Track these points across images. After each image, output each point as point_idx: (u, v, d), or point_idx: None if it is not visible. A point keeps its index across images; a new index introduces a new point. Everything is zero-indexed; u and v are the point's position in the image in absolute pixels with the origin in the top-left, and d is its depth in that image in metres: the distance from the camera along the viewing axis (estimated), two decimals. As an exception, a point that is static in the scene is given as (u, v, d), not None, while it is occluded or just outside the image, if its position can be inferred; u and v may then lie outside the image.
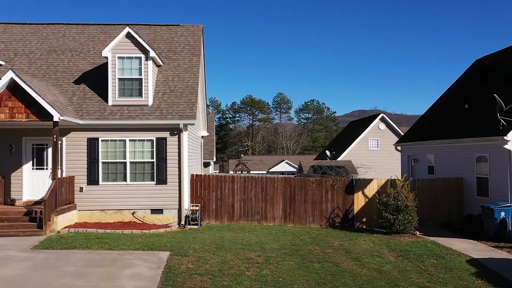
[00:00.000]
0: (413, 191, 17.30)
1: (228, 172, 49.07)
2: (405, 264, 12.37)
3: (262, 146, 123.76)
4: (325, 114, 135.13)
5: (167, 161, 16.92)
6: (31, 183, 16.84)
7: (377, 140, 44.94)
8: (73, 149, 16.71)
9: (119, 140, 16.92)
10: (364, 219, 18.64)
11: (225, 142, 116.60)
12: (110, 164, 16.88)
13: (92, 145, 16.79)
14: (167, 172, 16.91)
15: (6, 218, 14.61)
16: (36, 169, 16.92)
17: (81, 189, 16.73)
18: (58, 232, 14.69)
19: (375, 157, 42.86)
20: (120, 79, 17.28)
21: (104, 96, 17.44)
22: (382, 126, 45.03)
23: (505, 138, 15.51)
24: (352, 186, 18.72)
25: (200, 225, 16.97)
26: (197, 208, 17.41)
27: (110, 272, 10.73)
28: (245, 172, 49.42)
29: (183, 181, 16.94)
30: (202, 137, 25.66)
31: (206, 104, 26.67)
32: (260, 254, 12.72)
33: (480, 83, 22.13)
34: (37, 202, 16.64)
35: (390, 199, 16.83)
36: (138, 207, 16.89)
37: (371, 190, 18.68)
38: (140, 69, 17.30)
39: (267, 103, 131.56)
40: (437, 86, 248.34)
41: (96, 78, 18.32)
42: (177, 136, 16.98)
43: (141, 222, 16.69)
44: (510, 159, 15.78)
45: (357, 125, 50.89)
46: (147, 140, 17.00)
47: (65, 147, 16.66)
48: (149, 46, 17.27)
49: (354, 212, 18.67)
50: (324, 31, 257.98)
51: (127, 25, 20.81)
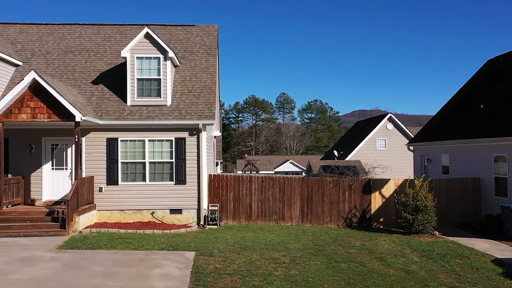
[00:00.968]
0: (432, 191, 17.30)
1: (236, 172, 49.08)
2: (431, 264, 12.38)
3: (265, 146, 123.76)
4: (328, 114, 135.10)
5: (186, 161, 16.94)
6: (51, 183, 16.86)
7: (385, 140, 44.95)
8: (93, 149, 16.73)
9: (138, 140, 16.94)
10: (381, 219, 18.65)
11: (228, 142, 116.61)
12: (129, 164, 16.91)
13: (112, 145, 16.82)
14: (186, 172, 16.93)
15: (29, 218, 14.63)
16: (56, 169, 16.95)
17: (101, 189, 16.76)
18: (80, 232, 14.72)
19: (383, 157, 42.76)
20: (139, 79, 17.30)
21: (123, 96, 17.47)
22: (390, 126, 45.03)
23: (526, 138, 15.51)
24: (369, 186, 18.73)
25: (219, 225, 16.98)
26: (216, 208, 17.42)
27: (139, 272, 10.74)
28: (254, 172, 49.43)
29: (202, 181, 16.96)
30: (215, 137, 25.66)
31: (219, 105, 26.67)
32: (285, 254, 12.73)
33: (495, 83, 22.12)
34: (57, 202, 16.70)
35: (409, 199, 16.84)
36: (157, 207, 16.91)
37: (388, 190, 18.69)
38: (159, 69, 17.32)
39: (270, 103, 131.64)
40: (439, 87, 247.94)
41: (114, 79, 18.35)
42: (196, 136, 17.00)
43: (160, 222, 16.71)
44: (531, 159, 15.77)
45: (364, 125, 50.89)
46: (166, 140, 17.02)
47: (85, 147, 16.68)
48: (168, 46, 17.27)
49: (371, 212, 18.67)
50: (326, 31, 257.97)
51: (146, 25, 20.87)
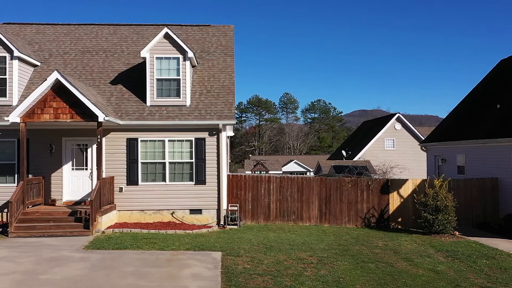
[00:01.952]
0: (451, 192, 17.29)
1: (244, 172, 49.06)
2: (458, 265, 12.36)
3: (269, 146, 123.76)
4: (332, 114, 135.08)
5: (206, 161, 16.94)
6: (71, 184, 16.87)
7: (393, 140, 44.89)
8: (113, 150, 16.73)
9: (158, 141, 16.95)
10: (400, 219, 18.63)
11: (231, 142, 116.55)
12: (149, 165, 16.91)
13: (132, 146, 16.83)
14: (206, 172, 16.94)
15: (52, 219, 14.64)
16: (76, 170, 16.95)
17: (121, 189, 16.77)
18: (103, 232, 14.72)
19: (391, 157, 42.60)
20: (158, 80, 17.31)
21: (142, 97, 17.47)
22: (398, 126, 44.96)
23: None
24: (387, 186, 18.71)
25: (239, 226, 16.98)
26: (236, 208, 17.42)
27: (170, 272, 10.74)
28: (264, 172, 49.40)
29: (222, 181, 16.96)
30: (228, 137, 25.63)
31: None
32: (312, 255, 12.72)
33: (511, 83, 22.08)
34: (77, 203, 16.71)
35: (429, 199, 16.84)
36: (177, 208, 16.92)
37: (406, 190, 18.67)
38: (178, 70, 17.32)
39: (274, 103, 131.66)
40: (440, 87, 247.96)
41: (132, 79, 18.36)
42: (216, 136, 17.01)
43: (180, 222, 16.71)
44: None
45: (372, 125, 50.82)
46: (186, 141, 17.02)
47: (105, 148, 16.65)
48: (187, 46, 17.27)
49: (390, 212, 18.66)
50: (328, 31, 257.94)
51: (161, 25, 21.07)
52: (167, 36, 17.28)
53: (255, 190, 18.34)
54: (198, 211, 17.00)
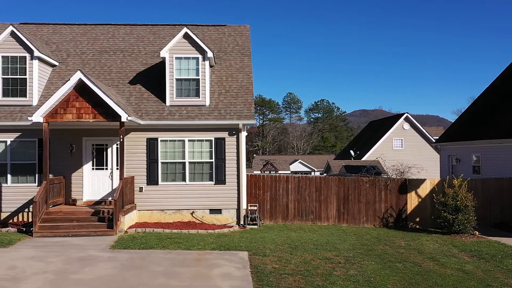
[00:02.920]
0: (471, 191, 17.28)
1: (253, 172, 49.06)
2: (484, 264, 12.36)
3: (273, 146, 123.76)
4: (335, 114, 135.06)
5: (226, 161, 16.96)
6: (91, 183, 16.90)
7: (401, 140, 44.91)
8: (133, 149, 16.76)
9: (178, 140, 16.97)
10: (418, 219, 18.64)
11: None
12: (169, 164, 16.94)
13: (152, 145, 16.85)
14: (226, 172, 16.96)
15: (75, 218, 14.67)
16: (96, 169, 16.98)
17: (141, 189, 16.79)
18: (126, 232, 14.75)
19: (400, 157, 42.58)
20: (178, 80, 17.33)
21: (161, 97, 17.50)
22: (407, 126, 45.00)
23: None
24: (405, 186, 18.71)
25: (259, 225, 16.99)
26: (255, 208, 17.43)
27: (200, 272, 10.76)
28: (273, 172, 49.41)
29: (242, 181, 16.98)
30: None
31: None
32: (338, 254, 12.73)
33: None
34: (97, 202, 16.74)
35: (449, 199, 16.83)
36: (197, 207, 16.94)
37: (424, 190, 18.67)
38: (197, 70, 17.34)
39: (277, 103, 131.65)
40: (442, 87, 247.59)
41: (151, 79, 18.39)
42: (236, 136, 17.03)
43: (200, 222, 16.73)
44: None
45: (379, 125, 50.84)
46: (206, 140, 17.05)
47: (125, 147, 16.66)
48: (206, 46, 17.29)
49: (408, 212, 18.66)
50: (330, 32, 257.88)
51: (177, 25, 21.07)
52: (187, 36, 17.29)
53: (274, 190, 18.35)
54: (218, 211, 17.01)
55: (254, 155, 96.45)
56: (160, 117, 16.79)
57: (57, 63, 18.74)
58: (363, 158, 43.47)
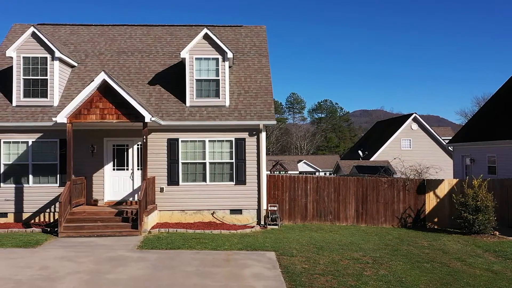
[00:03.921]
0: (491, 192, 17.30)
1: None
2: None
3: (276, 146, 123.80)
4: (339, 114, 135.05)
5: (246, 162, 17.01)
6: (112, 184, 16.95)
7: (410, 140, 44.92)
8: (153, 150, 16.79)
9: (199, 141, 17.02)
10: (436, 219, 18.67)
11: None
12: (190, 165, 16.99)
13: (172, 146, 16.90)
14: (246, 173, 17.00)
15: (99, 219, 14.72)
16: (117, 170, 17.03)
17: (162, 190, 16.84)
18: (149, 232, 14.79)
19: (408, 157, 42.69)
20: (198, 80, 17.38)
21: (181, 97, 17.55)
22: (415, 126, 45.00)
23: None
24: (423, 187, 18.75)
25: (279, 226, 17.03)
26: (276, 209, 17.48)
27: (231, 272, 10.79)
28: (283, 172, 49.46)
29: (262, 182, 17.02)
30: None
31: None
32: (364, 255, 12.76)
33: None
34: (118, 203, 16.79)
35: (469, 199, 16.85)
36: (218, 208, 16.99)
37: (442, 191, 18.70)
38: (217, 70, 17.39)
39: (280, 103, 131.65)
40: (442, 87, 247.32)
41: (170, 79, 18.45)
42: (256, 137, 17.07)
43: (221, 223, 16.77)
44: None
45: (387, 126, 50.86)
46: (226, 141, 17.09)
47: (143, 148, 16.72)
48: (227, 47, 17.33)
49: (426, 213, 18.70)
50: (331, 32, 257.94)
51: (198, 26, 21.14)
52: (206, 37, 17.34)
53: (292, 190, 18.39)
54: (238, 211, 17.06)
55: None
56: (181, 118, 16.83)
57: (76, 64, 18.80)
58: (372, 159, 43.50)
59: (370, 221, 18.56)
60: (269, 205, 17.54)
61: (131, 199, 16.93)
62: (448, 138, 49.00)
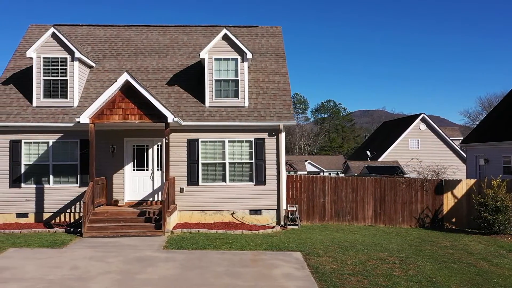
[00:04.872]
0: (510, 192, 17.29)
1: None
2: (538, 265, 12.40)
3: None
4: (342, 114, 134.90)
5: (266, 162, 17.02)
6: (132, 184, 16.97)
7: (418, 141, 44.89)
8: (173, 150, 16.79)
9: (219, 141, 17.04)
10: (453, 220, 18.67)
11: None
12: (209, 165, 17.00)
13: (192, 146, 16.92)
14: (266, 173, 17.01)
15: (122, 219, 14.75)
16: (137, 170, 17.06)
17: (182, 190, 16.86)
18: (172, 232, 14.81)
19: (416, 158, 42.81)
20: (217, 81, 17.40)
21: (200, 98, 17.58)
22: (423, 127, 44.97)
23: None
24: (441, 187, 18.75)
25: (299, 226, 17.04)
26: (295, 209, 17.50)
27: (261, 272, 10.81)
28: (293, 172, 49.48)
29: (281, 182, 17.03)
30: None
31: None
32: (390, 255, 12.77)
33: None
34: (138, 203, 16.82)
35: (489, 200, 16.86)
36: (237, 208, 17.00)
37: (460, 191, 18.70)
38: (236, 71, 17.40)
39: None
40: (444, 88, 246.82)
41: (188, 80, 18.47)
42: (275, 137, 17.09)
43: (240, 223, 16.78)
44: None
45: (394, 126, 50.83)
46: (246, 141, 17.10)
47: (166, 148, 16.74)
48: (246, 48, 17.35)
49: (444, 213, 18.69)
50: (332, 32, 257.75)
51: (210, 27, 21.14)
52: (226, 37, 17.35)
53: (310, 191, 18.41)
54: (258, 212, 17.07)
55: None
56: (201, 118, 16.85)
57: (94, 64, 18.83)
58: (380, 159, 43.48)
59: (388, 221, 18.56)
60: (288, 205, 17.55)
61: (151, 200, 16.95)
62: (456, 138, 48.99)
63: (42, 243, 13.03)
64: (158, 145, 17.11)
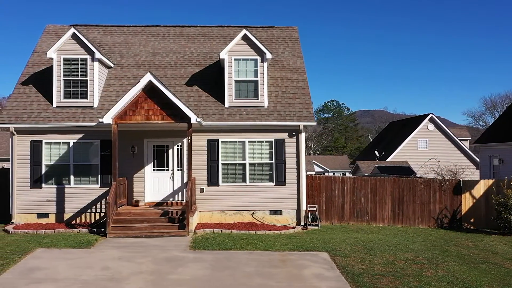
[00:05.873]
0: (529, 192, 17.29)
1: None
2: None
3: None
4: (345, 114, 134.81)
5: (286, 162, 17.02)
6: (152, 184, 16.98)
7: (426, 141, 44.86)
8: (194, 151, 16.76)
9: (239, 142, 17.04)
10: (472, 220, 18.66)
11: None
12: (230, 166, 17.01)
13: (212, 147, 16.94)
14: (286, 173, 17.02)
15: (145, 219, 14.77)
16: (157, 170, 17.07)
17: (202, 190, 16.87)
18: (195, 233, 14.82)
19: (425, 158, 42.66)
20: (236, 81, 17.41)
21: (219, 98, 17.59)
22: (431, 127, 44.93)
23: None
24: (459, 187, 18.73)
25: (319, 226, 17.04)
26: (315, 209, 17.50)
27: (291, 273, 10.83)
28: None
29: (302, 182, 17.04)
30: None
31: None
32: (417, 255, 12.77)
33: None
34: (159, 203, 16.83)
35: (509, 200, 16.85)
36: (257, 208, 17.01)
37: (478, 191, 18.69)
38: (256, 71, 17.42)
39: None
40: (445, 88, 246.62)
41: (206, 80, 18.48)
42: (295, 137, 17.09)
43: (260, 223, 16.78)
44: None
45: (401, 126, 50.78)
46: (266, 142, 17.11)
47: (186, 149, 16.77)
48: (266, 48, 17.35)
49: (462, 213, 18.68)
50: (333, 32, 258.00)
51: (225, 27, 21.15)
52: (245, 38, 17.37)
53: (329, 191, 18.41)
54: (278, 212, 17.08)
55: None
56: (221, 118, 16.87)
57: (113, 65, 18.85)
58: (388, 159, 43.44)
59: (407, 222, 18.55)
60: (308, 206, 17.55)
61: (171, 200, 16.97)
62: (465, 139, 48.93)
63: (69, 244, 13.05)
64: (179, 146, 17.13)
